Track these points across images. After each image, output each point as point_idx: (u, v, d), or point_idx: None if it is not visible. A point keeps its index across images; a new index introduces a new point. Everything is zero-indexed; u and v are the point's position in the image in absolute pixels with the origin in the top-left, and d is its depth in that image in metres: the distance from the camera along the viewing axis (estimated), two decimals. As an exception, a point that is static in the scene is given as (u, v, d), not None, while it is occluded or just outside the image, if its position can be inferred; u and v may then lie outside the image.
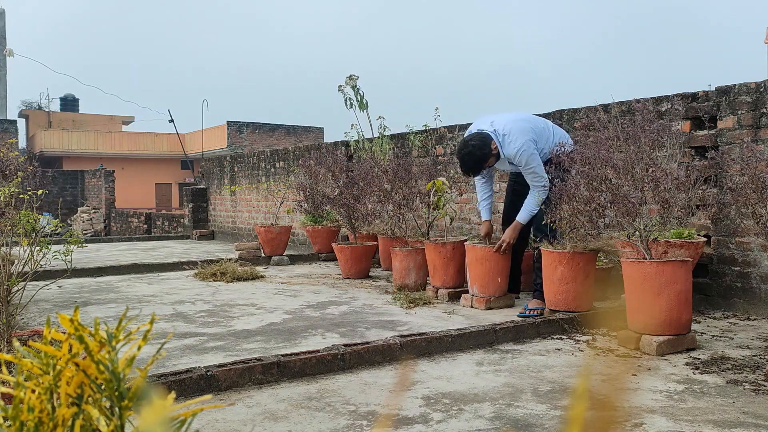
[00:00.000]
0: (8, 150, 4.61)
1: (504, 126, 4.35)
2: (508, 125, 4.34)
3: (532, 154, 4.24)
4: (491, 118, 4.47)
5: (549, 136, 4.41)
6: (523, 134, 4.27)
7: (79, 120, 33.56)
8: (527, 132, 4.30)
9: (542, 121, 4.57)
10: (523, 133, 4.28)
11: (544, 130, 4.43)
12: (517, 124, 4.34)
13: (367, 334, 3.71)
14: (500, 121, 4.40)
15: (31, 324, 4.15)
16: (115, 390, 0.79)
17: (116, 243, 11.42)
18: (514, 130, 4.30)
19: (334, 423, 2.31)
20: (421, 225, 5.39)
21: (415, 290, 5.06)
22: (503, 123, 4.37)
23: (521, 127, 4.33)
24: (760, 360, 3.10)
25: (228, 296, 5.18)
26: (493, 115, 4.52)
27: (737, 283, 4.26)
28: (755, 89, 4.17)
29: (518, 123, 4.36)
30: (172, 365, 3.06)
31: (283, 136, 29.83)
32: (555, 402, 2.52)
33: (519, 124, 4.35)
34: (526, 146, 4.23)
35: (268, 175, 10.45)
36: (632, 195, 3.32)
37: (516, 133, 4.28)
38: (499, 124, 4.38)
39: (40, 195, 3.84)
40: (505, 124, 4.36)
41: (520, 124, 4.36)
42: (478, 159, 4.33)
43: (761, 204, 2.98)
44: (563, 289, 3.94)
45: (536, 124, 4.44)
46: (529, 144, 4.24)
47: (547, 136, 4.40)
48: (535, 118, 4.57)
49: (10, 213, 3.60)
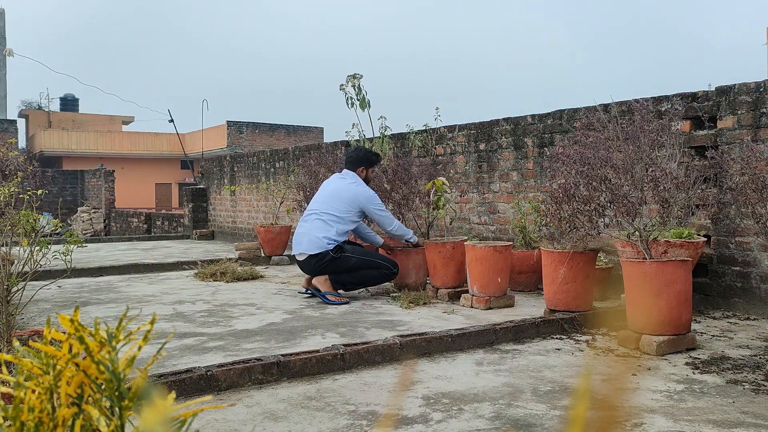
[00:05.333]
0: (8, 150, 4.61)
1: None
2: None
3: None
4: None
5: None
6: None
7: (79, 120, 33.55)
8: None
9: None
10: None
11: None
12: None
13: (367, 334, 3.71)
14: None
15: (30, 324, 4.15)
16: (116, 390, 0.79)
17: (116, 243, 11.42)
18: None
19: (334, 423, 2.31)
20: (421, 225, 5.39)
21: (415, 290, 5.06)
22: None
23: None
24: (760, 360, 3.10)
25: (228, 296, 5.18)
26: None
27: (737, 282, 4.26)
28: (755, 89, 4.17)
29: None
30: (172, 365, 3.06)
31: (283, 136, 29.83)
32: (555, 402, 2.52)
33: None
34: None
35: (268, 175, 10.45)
36: (632, 195, 3.32)
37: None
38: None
39: (40, 195, 3.84)
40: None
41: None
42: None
43: (761, 204, 2.98)
44: (563, 289, 3.94)
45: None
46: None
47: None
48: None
49: (10, 213, 3.60)
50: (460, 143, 6.62)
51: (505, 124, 6.13)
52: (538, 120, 5.76)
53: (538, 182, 5.74)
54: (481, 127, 6.41)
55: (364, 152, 5.32)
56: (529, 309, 4.41)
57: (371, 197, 5.07)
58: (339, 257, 4.85)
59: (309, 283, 5.05)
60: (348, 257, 4.88)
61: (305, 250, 4.92)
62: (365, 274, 4.94)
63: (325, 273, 4.88)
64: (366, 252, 5.01)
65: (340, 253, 4.87)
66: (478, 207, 6.40)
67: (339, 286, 4.92)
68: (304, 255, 4.94)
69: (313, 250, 4.87)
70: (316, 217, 4.99)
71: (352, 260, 4.88)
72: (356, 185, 5.09)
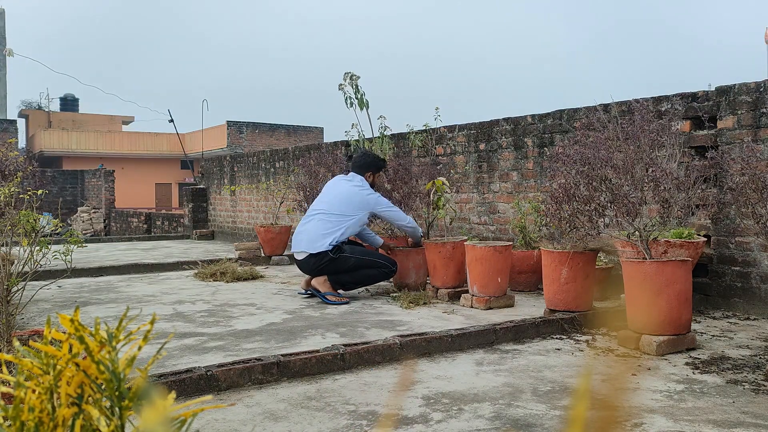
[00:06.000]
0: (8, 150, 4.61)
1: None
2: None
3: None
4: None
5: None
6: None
7: (79, 120, 33.57)
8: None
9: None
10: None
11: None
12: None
13: (367, 334, 3.71)
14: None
15: (30, 324, 4.15)
16: (116, 390, 0.79)
17: (116, 243, 11.41)
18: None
19: (334, 423, 2.31)
20: (421, 225, 5.39)
21: (415, 290, 5.06)
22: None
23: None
24: (760, 360, 3.10)
25: (228, 296, 5.18)
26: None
27: (737, 282, 4.26)
28: (755, 89, 4.17)
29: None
30: (172, 365, 3.06)
31: (283, 136, 29.84)
32: (555, 402, 2.52)
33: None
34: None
35: (268, 175, 10.45)
36: (632, 195, 3.32)
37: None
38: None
39: (40, 195, 3.84)
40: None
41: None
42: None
43: (761, 204, 2.98)
44: (563, 289, 3.94)
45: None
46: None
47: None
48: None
49: (10, 213, 3.60)
50: (460, 143, 6.62)
51: (505, 124, 6.13)
52: (538, 120, 5.76)
53: (538, 182, 5.74)
54: (481, 127, 6.41)
55: (372, 158, 5.34)
56: (529, 309, 4.42)
57: (379, 200, 5.12)
58: (338, 258, 4.85)
59: (308, 285, 5.05)
60: (347, 257, 4.88)
61: (305, 248, 4.92)
62: (364, 274, 4.94)
63: (324, 273, 4.88)
64: (364, 251, 5.01)
65: (339, 254, 4.87)
66: (478, 207, 6.40)
67: (338, 286, 4.92)
68: (303, 254, 4.94)
69: (313, 249, 4.87)
70: (322, 216, 4.99)
71: (350, 260, 4.88)
72: (364, 189, 5.11)
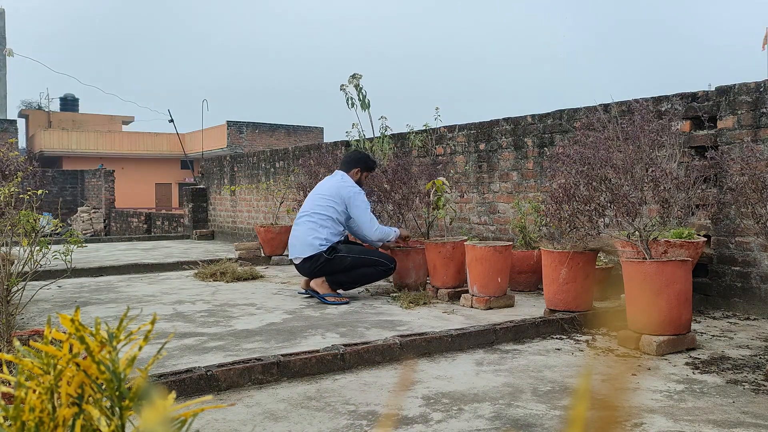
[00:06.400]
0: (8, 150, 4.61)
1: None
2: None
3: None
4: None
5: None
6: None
7: (79, 120, 33.57)
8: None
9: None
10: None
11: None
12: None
13: (367, 334, 3.71)
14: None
15: (31, 324, 4.15)
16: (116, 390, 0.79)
17: (116, 243, 11.41)
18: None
19: (334, 423, 2.31)
20: (421, 225, 5.39)
21: (415, 290, 5.06)
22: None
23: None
24: (760, 360, 3.10)
25: (228, 296, 5.18)
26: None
27: (737, 282, 4.26)
28: (755, 89, 4.17)
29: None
30: (172, 365, 3.06)
31: (283, 136, 29.84)
32: (555, 402, 2.52)
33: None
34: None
35: (268, 175, 10.45)
36: (632, 195, 3.32)
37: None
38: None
39: (40, 195, 3.84)
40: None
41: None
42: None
43: (761, 204, 2.98)
44: (563, 289, 3.94)
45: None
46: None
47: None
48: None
49: (10, 213, 3.60)
50: (460, 143, 6.62)
51: (505, 124, 6.13)
52: (538, 120, 5.76)
53: (538, 182, 5.74)
54: (481, 127, 6.41)
55: (362, 155, 5.30)
56: (529, 309, 4.42)
57: (356, 195, 4.96)
58: (333, 258, 4.83)
59: (308, 285, 5.04)
60: (342, 257, 4.86)
61: (299, 253, 4.90)
62: (362, 272, 4.91)
63: (321, 275, 4.87)
64: (363, 250, 4.99)
65: (334, 254, 4.84)
66: (478, 207, 6.40)
67: (337, 286, 4.91)
68: (298, 258, 4.93)
69: (307, 252, 4.85)
70: (306, 218, 4.97)
71: (347, 260, 4.86)
72: (344, 182, 5.04)
